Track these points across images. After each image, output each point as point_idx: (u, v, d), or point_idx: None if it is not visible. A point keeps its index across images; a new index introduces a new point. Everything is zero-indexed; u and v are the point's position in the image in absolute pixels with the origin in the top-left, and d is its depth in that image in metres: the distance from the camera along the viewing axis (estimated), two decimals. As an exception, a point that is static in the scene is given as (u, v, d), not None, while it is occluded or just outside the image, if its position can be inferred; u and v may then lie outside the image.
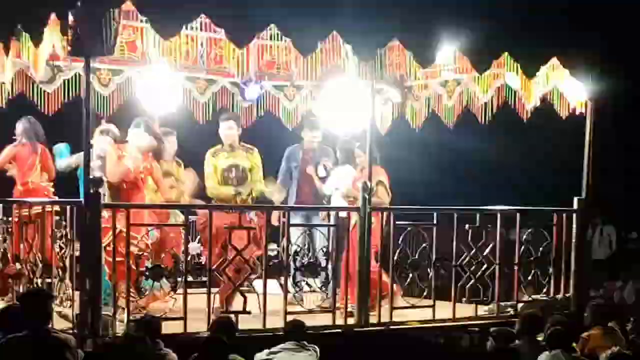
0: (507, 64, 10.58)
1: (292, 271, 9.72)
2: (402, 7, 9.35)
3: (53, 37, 8.90)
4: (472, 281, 10.25)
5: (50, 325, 7.68)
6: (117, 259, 8.95)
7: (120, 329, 8.70)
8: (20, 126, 11.19)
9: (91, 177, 8.63)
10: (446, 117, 12.25)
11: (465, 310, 10.28)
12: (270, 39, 11.43)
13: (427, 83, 12.31)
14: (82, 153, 9.19)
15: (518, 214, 10.52)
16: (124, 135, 10.35)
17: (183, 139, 11.44)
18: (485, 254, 10.28)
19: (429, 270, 10.11)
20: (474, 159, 15.14)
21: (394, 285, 9.94)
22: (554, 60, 10.49)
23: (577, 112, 11.07)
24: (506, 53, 10.21)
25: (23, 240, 9.36)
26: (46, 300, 7.56)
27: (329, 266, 9.75)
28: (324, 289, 9.81)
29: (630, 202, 14.82)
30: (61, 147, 11.21)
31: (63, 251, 9.36)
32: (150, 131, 10.12)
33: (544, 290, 10.75)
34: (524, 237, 10.57)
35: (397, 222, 9.92)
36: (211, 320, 8.74)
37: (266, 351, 8.27)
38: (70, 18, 8.29)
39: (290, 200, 11.62)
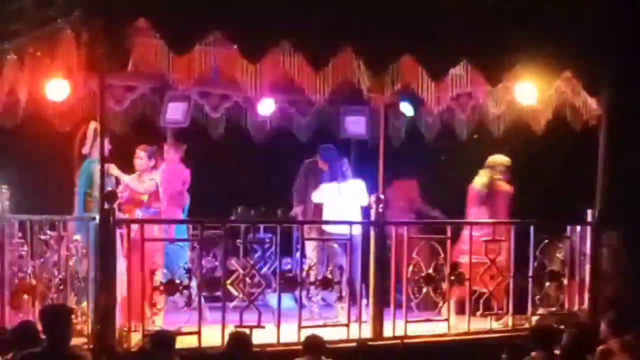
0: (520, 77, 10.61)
1: (307, 285, 9.72)
2: (414, 21, 9.39)
3: (67, 54, 8.95)
4: (487, 294, 10.24)
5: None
6: None
7: (135, 343, 8.72)
8: None
9: (105, 192, 8.65)
10: (459, 130, 12.29)
11: (480, 323, 10.27)
12: (283, 54, 11.46)
13: (440, 97, 12.31)
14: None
15: (532, 227, 10.50)
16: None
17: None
18: (499, 266, 10.26)
19: (443, 284, 10.10)
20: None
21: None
22: (567, 74, 10.50)
23: (591, 125, 11.06)
24: (519, 66, 10.21)
25: (38, 255, 9.41)
26: (67, 317, 7.52)
27: (344, 280, 9.76)
28: (338, 302, 9.84)
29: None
30: None
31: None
32: None
33: (559, 302, 10.73)
34: (538, 249, 10.56)
35: (410, 236, 9.91)
36: (227, 335, 8.74)
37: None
38: (85, 35, 8.33)
39: (307, 215, 11.66)
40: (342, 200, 11.07)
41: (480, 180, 11.05)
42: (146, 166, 10.39)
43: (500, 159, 11.18)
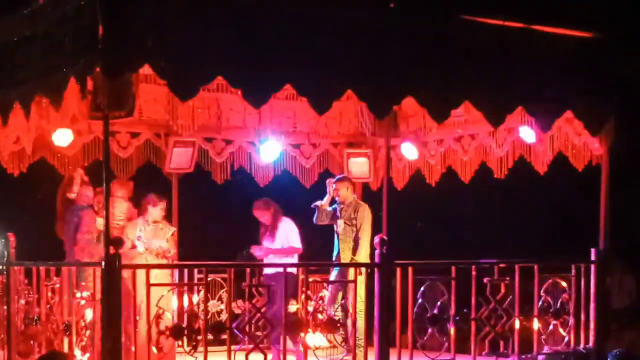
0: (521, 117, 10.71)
1: (312, 327, 9.73)
2: (416, 64, 9.47)
3: (73, 101, 9.05)
4: (492, 334, 10.24)
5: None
6: None
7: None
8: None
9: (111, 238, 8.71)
10: (462, 172, 12.37)
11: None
12: (286, 98, 11.58)
13: (442, 138, 12.44)
14: None
15: (536, 266, 10.53)
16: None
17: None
18: (504, 306, 10.27)
19: (448, 324, 10.10)
20: (492, 212, 15.18)
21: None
22: (569, 114, 10.58)
23: (594, 164, 11.13)
24: (520, 107, 10.28)
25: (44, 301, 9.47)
26: None
27: (348, 321, 9.78)
28: (344, 344, 9.85)
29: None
30: None
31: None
32: None
33: (564, 341, 10.73)
34: (543, 288, 10.58)
35: (415, 276, 9.94)
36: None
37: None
38: (90, 83, 8.43)
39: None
40: None
41: None
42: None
43: None
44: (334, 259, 11.87)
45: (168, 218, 11.38)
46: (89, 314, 9.25)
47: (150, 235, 10.70)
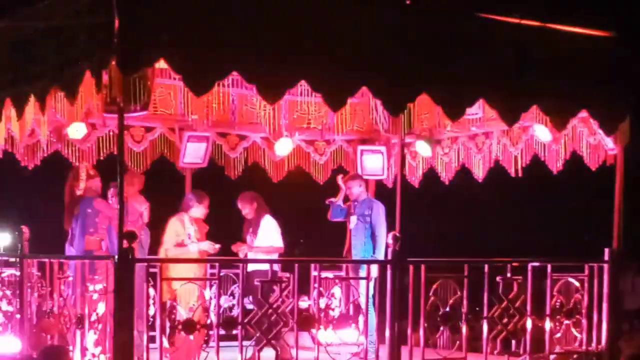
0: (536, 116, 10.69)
1: (324, 324, 9.74)
2: (431, 61, 9.46)
3: (88, 95, 9.06)
4: (504, 333, 10.22)
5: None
6: None
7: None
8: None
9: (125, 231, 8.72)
10: (476, 170, 12.35)
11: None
12: (301, 94, 11.57)
13: (457, 136, 12.42)
14: None
15: (549, 265, 10.50)
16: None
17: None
18: (516, 305, 10.25)
19: (460, 322, 10.09)
20: (506, 210, 15.16)
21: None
22: (584, 113, 10.55)
23: (608, 164, 11.09)
24: (535, 106, 10.26)
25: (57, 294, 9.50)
26: (63, 357, 7.55)
27: (360, 318, 9.78)
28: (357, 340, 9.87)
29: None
30: None
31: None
32: None
33: (577, 341, 10.70)
34: (555, 288, 10.55)
35: (427, 274, 9.93)
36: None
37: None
38: (105, 76, 8.44)
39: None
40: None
41: None
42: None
43: None
44: (344, 254, 11.90)
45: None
46: (101, 307, 9.27)
47: (198, 235, 10.81)
